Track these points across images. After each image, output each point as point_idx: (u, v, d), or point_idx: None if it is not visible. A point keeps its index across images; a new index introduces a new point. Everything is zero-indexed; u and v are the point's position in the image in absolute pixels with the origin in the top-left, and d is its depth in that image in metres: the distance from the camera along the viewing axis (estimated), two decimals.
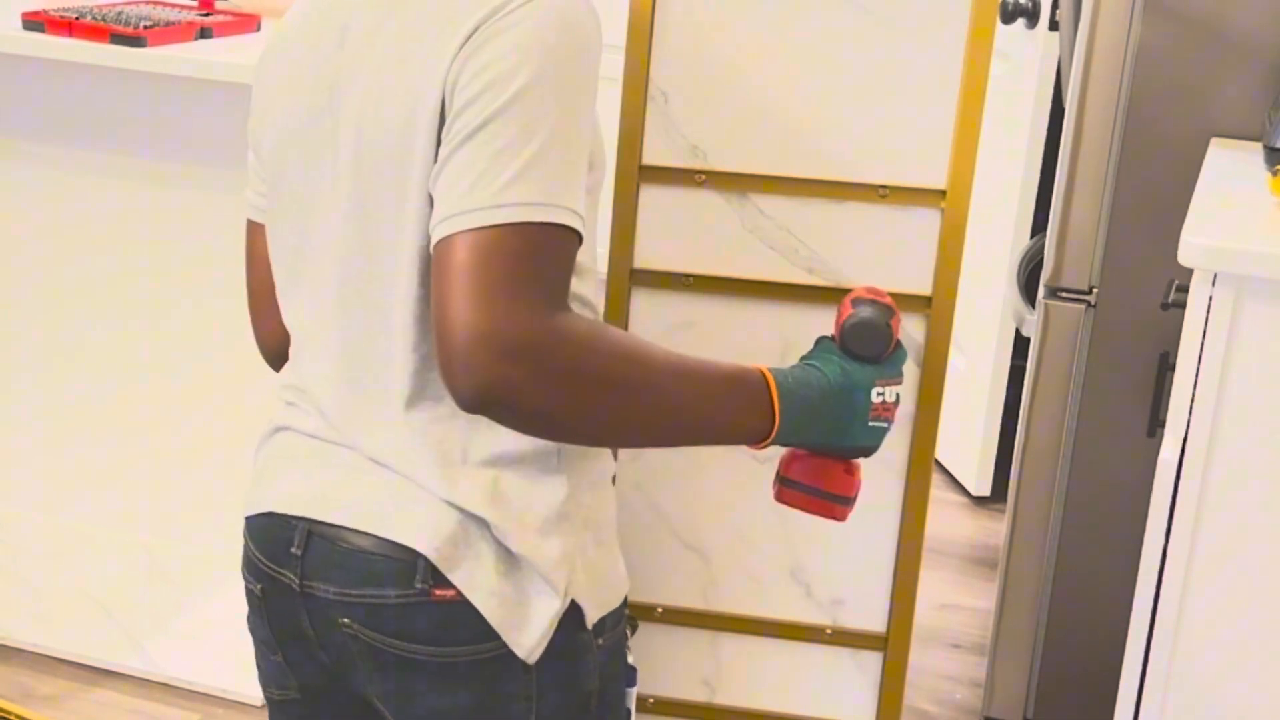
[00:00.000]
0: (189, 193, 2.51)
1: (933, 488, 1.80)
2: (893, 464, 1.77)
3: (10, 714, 2.44)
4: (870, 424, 1.31)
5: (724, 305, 1.77)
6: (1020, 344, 3.18)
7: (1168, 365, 1.90)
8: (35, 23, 2.38)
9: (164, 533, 2.70)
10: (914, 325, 1.73)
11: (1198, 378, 1.69)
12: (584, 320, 1.14)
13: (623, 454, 1.79)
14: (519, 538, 1.23)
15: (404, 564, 1.23)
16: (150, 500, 2.69)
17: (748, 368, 1.25)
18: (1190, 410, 1.70)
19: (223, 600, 2.60)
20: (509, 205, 1.10)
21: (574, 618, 1.27)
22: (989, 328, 3.33)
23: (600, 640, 1.30)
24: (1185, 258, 1.67)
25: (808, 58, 1.69)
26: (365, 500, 1.26)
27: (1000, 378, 3.36)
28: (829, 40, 1.68)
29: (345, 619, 1.26)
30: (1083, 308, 2.33)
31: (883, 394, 1.31)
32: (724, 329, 1.77)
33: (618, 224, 1.77)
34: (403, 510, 1.24)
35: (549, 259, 1.12)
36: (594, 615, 1.29)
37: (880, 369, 1.32)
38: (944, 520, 3.34)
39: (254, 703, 2.51)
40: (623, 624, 1.36)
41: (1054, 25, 3.02)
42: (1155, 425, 1.90)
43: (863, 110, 1.70)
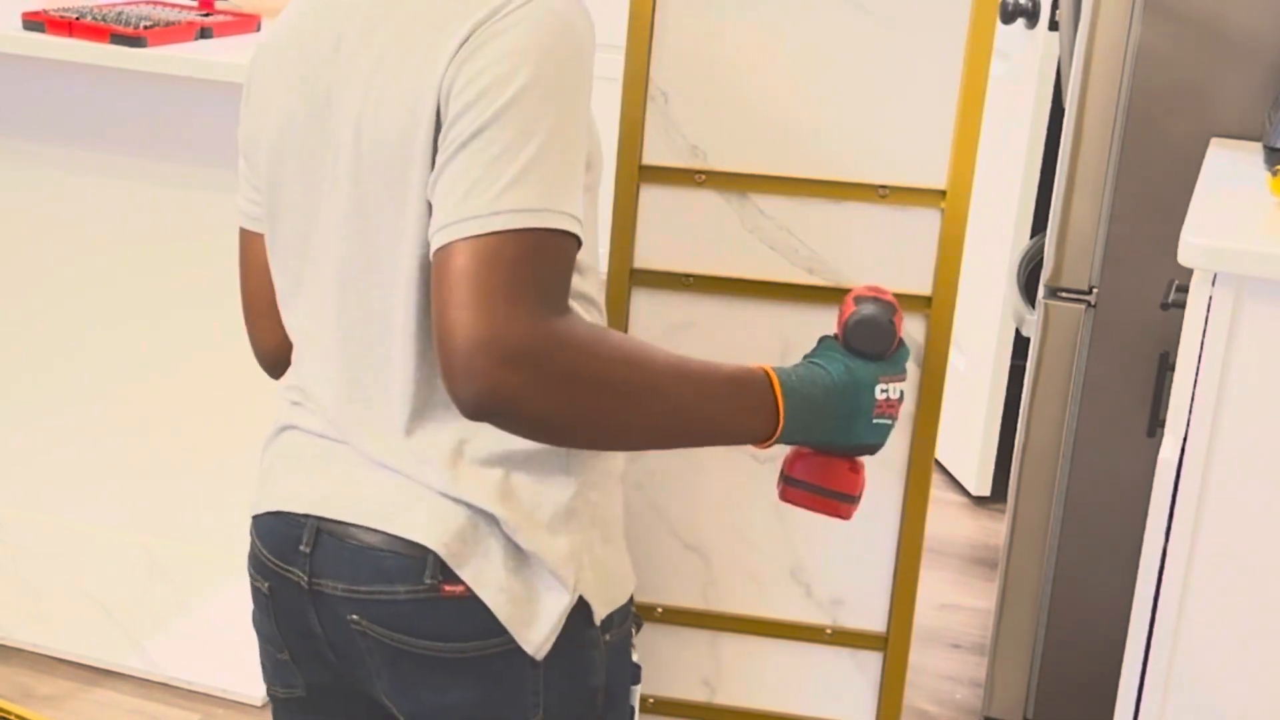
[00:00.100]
0: (189, 193, 2.51)
1: (933, 488, 1.80)
2: (893, 464, 1.77)
3: (10, 714, 2.44)
4: (875, 421, 1.31)
5: (724, 305, 1.77)
6: (1020, 344, 3.17)
7: (1168, 365, 1.90)
8: (35, 23, 2.38)
9: (164, 533, 2.70)
10: (914, 325, 1.73)
11: (1198, 378, 1.69)
12: (584, 324, 1.14)
13: (622, 454, 1.78)
14: (528, 534, 1.23)
15: (413, 560, 1.23)
16: (150, 500, 2.69)
17: (751, 368, 1.24)
18: (1190, 410, 1.70)
19: (223, 600, 2.60)
20: (506, 211, 1.10)
21: (582, 614, 1.27)
22: (989, 328, 3.33)
23: (607, 636, 1.31)
24: (1185, 258, 1.67)
25: (808, 58, 1.69)
26: (373, 497, 1.26)
27: (1000, 378, 3.35)
28: (829, 40, 1.68)
29: (354, 615, 1.26)
30: (1083, 308, 2.33)
31: (886, 391, 1.32)
32: (724, 329, 1.77)
33: (618, 224, 1.77)
34: (411, 507, 1.24)
35: (547, 264, 1.12)
36: (602, 611, 1.29)
37: (884, 366, 1.33)
38: (944, 520, 3.34)
39: (254, 703, 2.51)
40: (629, 621, 1.36)
41: (1054, 25, 3.02)
42: (1155, 425, 1.90)
43: (863, 110, 1.70)
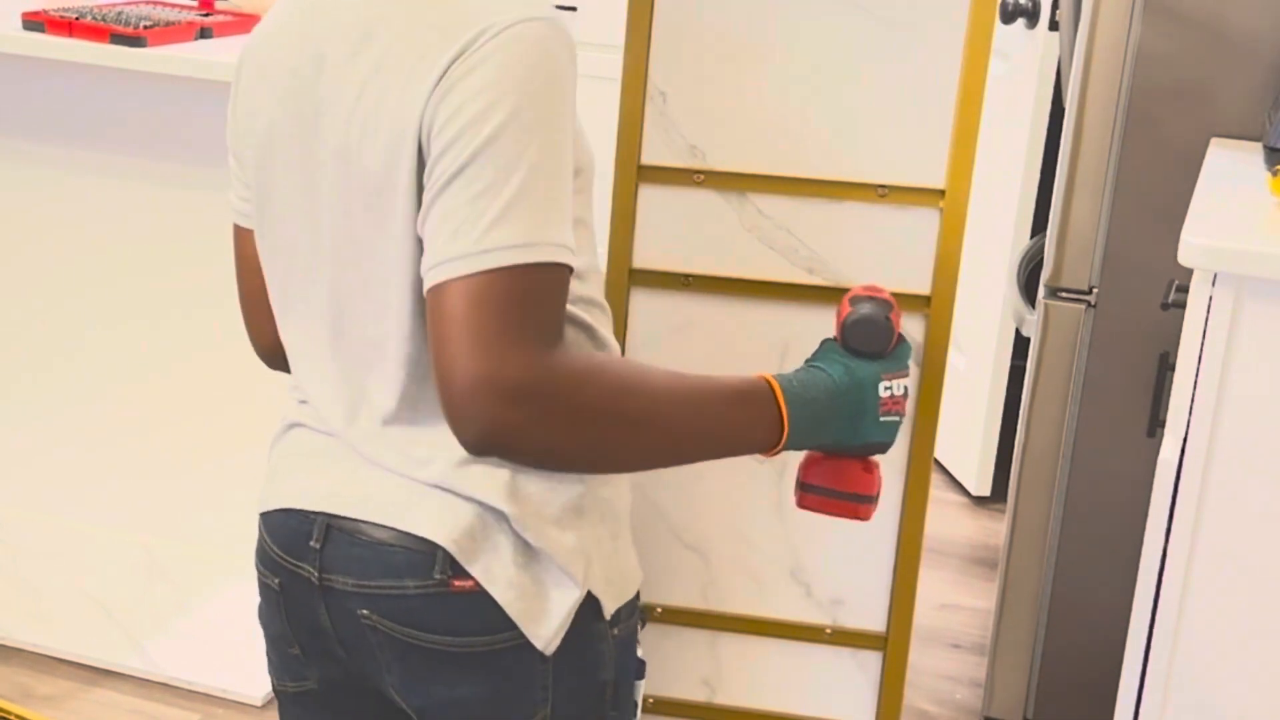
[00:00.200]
0: (188, 193, 2.51)
1: (933, 488, 1.80)
2: (893, 464, 1.76)
3: (10, 714, 2.44)
4: (881, 419, 1.32)
5: (723, 305, 1.77)
6: (1020, 344, 3.17)
7: (1168, 365, 1.90)
8: (35, 23, 2.38)
9: (164, 533, 2.70)
10: (913, 325, 1.73)
11: (1198, 378, 1.69)
12: (581, 356, 1.15)
13: None
14: (537, 530, 1.24)
15: (422, 555, 1.23)
16: (150, 500, 2.69)
17: (752, 378, 1.25)
18: (1190, 410, 1.70)
19: (223, 600, 2.60)
20: (493, 250, 1.10)
21: (591, 609, 1.28)
22: (989, 328, 3.33)
23: (615, 631, 1.31)
24: (1185, 258, 1.66)
25: (807, 57, 1.69)
26: (383, 493, 1.26)
27: (1000, 378, 3.35)
28: (828, 40, 1.68)
29: (364, 610, 1.26)
30: (1083, 308, 2.33)
31: (890, 388, 1.32)
32: (724, 329, 1.77)
33: (617, 224, 1.77)
34: (420, 503, 1.24)
35: (539, 298, 1.12)
36: (611, 606, 1.30)
37: (885, 364, 1.33)
38: (944, 520, 3.33)
39: (254, 703, 2.51)
40: (636, 616, 1.36)
41: (1054, 25, 3.02)
42: (1155, 425, 1.90)
43: (862, 110, 1.70)
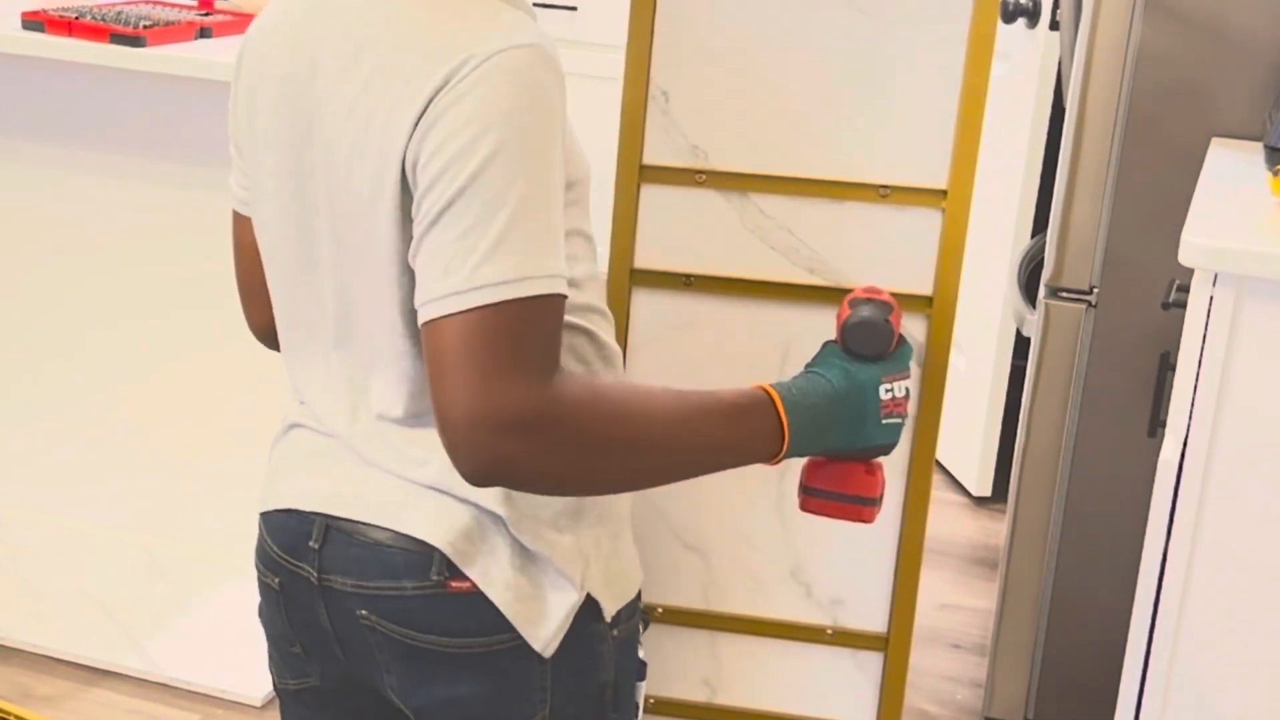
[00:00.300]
0: (188, 192, 2.51)
1: (933, 488, 1.80)
2: (894, 464, 1.76)
3: (10, 714, 2.44)
4: (883, 422, 1.32)
5: (724, 305, 1.77)
6: (1021, 344, 3.17)
7: (1168, 365, 1.90)
8: (35, 22, 2.38)
9: (164, 533, 2.70)
10: (915, 325, 1.72)
11: (1198, 378, 1.69)
12: (579, 383, 1.14)
13: None
14: (533, 533, 1.24)
15: (420, 556, 1.23)
16: (150, 500, 2.69)
17: (751, 390, 1.25)
18: (1191, 410, 1.70)
19: (223, 600, 2.60)
20: (484, 286, 1.10)
21: (590, 610, 1.28)
22: (989, 328, 3.33)
23: (615, 632, 1.31)
24: (1185, 258, 1.66)
25: (808, 57, 1.69)
26: (381, 494, 1.26)
27: (1001, 378, 3.35)
28: (830, 40, 1.68)
29: (363, 611, 1.26)
30: (1083, 308, 2.33)
31: (891, 390, 1.32)
32: (724, 329, 1.77)
33: (618, 224, 1.77)
34: (418, 505, 1.24)
35: (532, 330, 1.11)
36: (610, 608, 1.30)
37: (885, 366, 1.33)
38: (944, 520, 3.33)
39: (254, 703, 2.51)
40: (637, 617, 1.36)
41: (1054, 25, 3.02)
42: (1156, 425, 1.90)
43: (863, 110, 1.70)
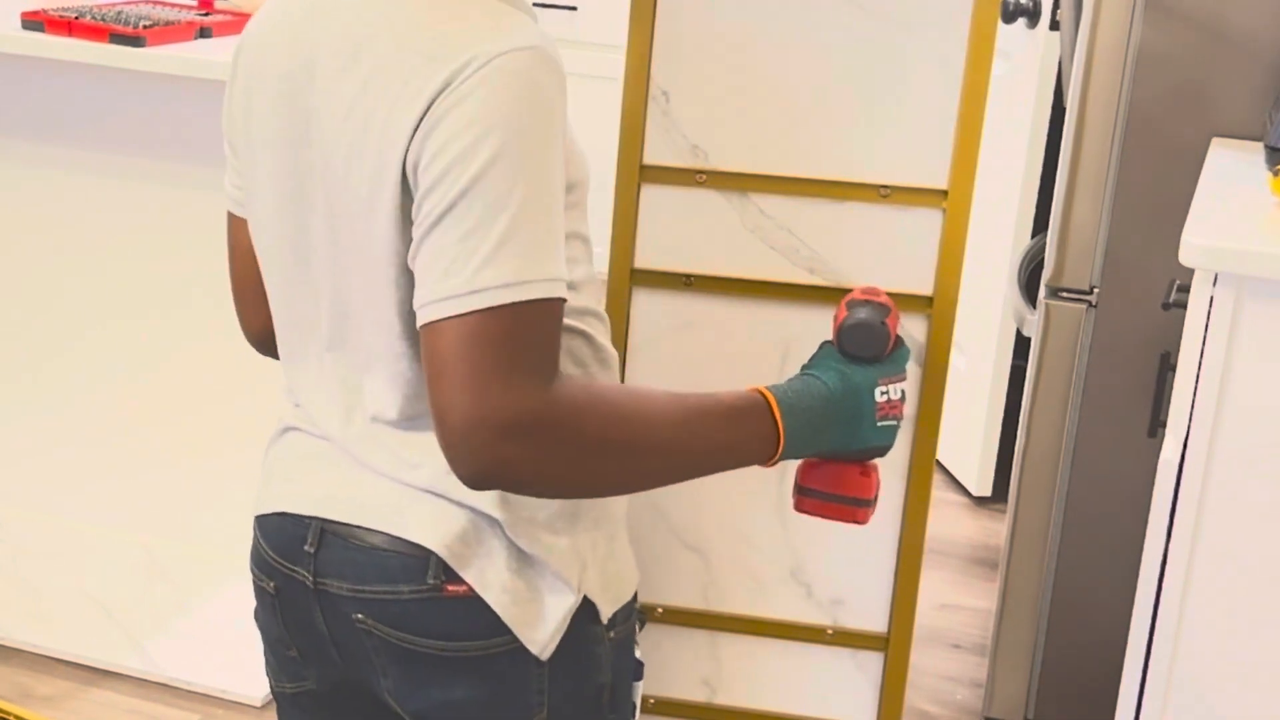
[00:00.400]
0: (188, 192, 2.51)
1: (933, 488, 1.80)
2: (894, 464, 1.76)
3: (10, 714, 2.44)
4: (879, 424, 1.32)
5: (724, 305, 1.77)
6: (1021, 344, 3.17)
7: (1168, 365, 1.90)
8: (34, 22, 2.38)
9: (164, 533, 2.70)
10: (915, 325, 1.72)
11: (1198, 378, 1.69)
12: (578, 386, 1.14)
13: None
14: (529, 536, 1.24)
15: (416, 560, 1.23)
16: (150, 500, 2.69)
17: (747, 393, 1.25)
18: (1191, 411, 1.70)
19: (223, 600, 2.60)
20: (485, 290, 1.09)
21: (587, 612, 1.28)
22: (989, 328, 3.33)
23: (611, 634, 1.31)
24: (1186, 258, 1.66)
25: (809, 57, 1.69)
26: (376, 498, 1.26)
27: (1001, 378, 3.35)
28: (830, 40, 1.68)
29: (359, 614, 1.26)
30: (1083, 308, 2.33)
31: (887, 392, 1.32)
32: (724, 329, 1.77)
33: (618, 224, 1.77)
34: (413, 508, 1.24)
35: (532, 334, 1.11)
36: (607, 610, 1.30)
37: (882, 368, 1.33)
38: (944, 520, 3.33)
39: (254, 703, 2.51)
40: (633, 618, 1.36)
41: (1055, 25, 3.02)
42: (1156, 426, 1.90)
43: (864, 110, 1.70)
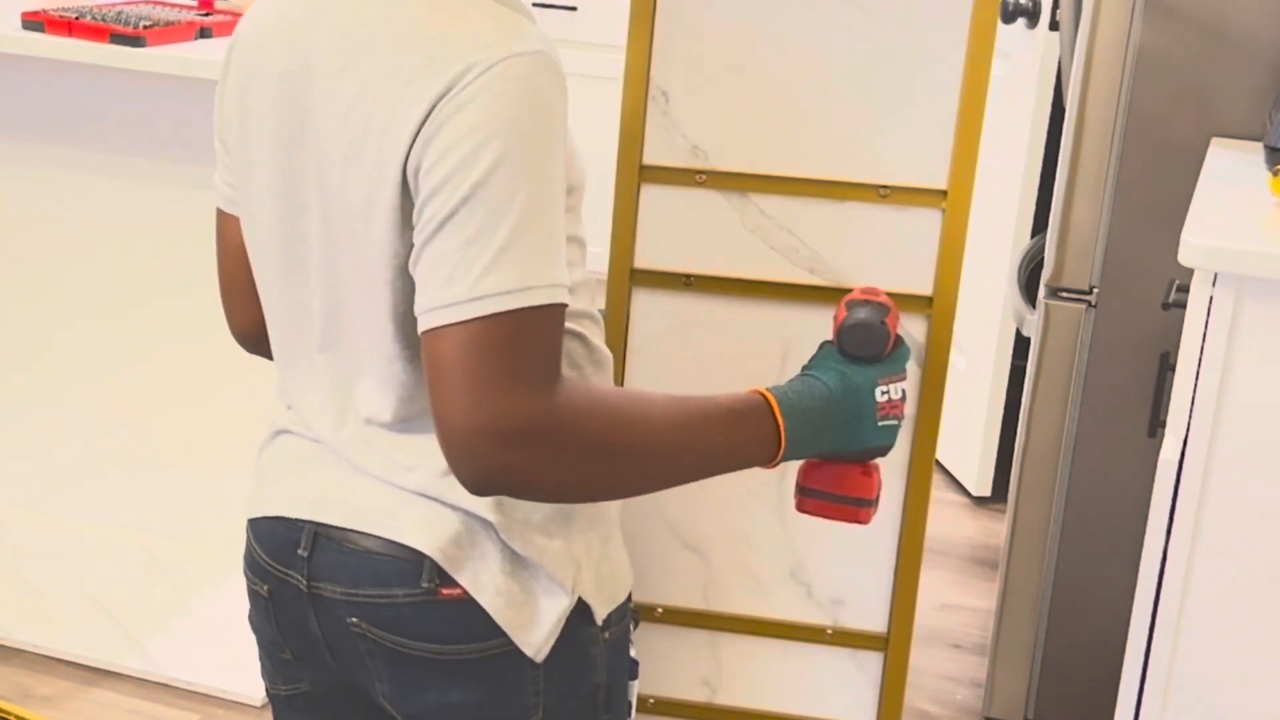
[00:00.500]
0: (188, 192, 2.51)
1: (933, 488, 1.80)
2: (894, 464, 1.76)
3: (10, 714, 2.44)
4: (880, 424, 1.32)
5: (724, 305, 1.77)
6: (1020, 344, 3.17)
7: (1168, 365, 1.90)
8: (35, 23, 2.38)
9: (164, 533, 2.70)
10: (915, 325, 1.72)
11: (1198, 378, 1.69)
12: (579, 392, 1.14)
13: None
14: (523, 539, 1.23)
15: (410, 564, 1.23)
16: (150, 500, 2.69)
17: (747, 395, 1.25)
18: (1191, 410, 1.70)
19: (223, 600, 2.60)
20: (488, 296, 1.09)
21: (581, 614, 1.27)
22: (989, 328, 3.33)
23: (606, 635, 1.31)
24: (1185, 258, 1.66)
25: (809, 57, 1.69)
26: (370, 502, 1.26)
27: (1001, 378, 3.35)
28: (830, 39, 1.68)
29: (353, 618, 1.26)
30: (1083, 308, 2.33)
31: (887, 392, 1.32)
32: (725, 329, 1.77)
33: (618, 224, 1.77)
34: (407, 512, 1.24)
35: (535, 340, 1.11)
36: (601, 612, 1.29)
37: (882, 368, 1.33)
38: (944, 520, 3.33)
39: (254, 703, 2.51)
40: (628, 618, 1.36)
41: (1054, 25, 3.02)
42: (1156, 425, 1.91)
43: (864, 110, 1.70)
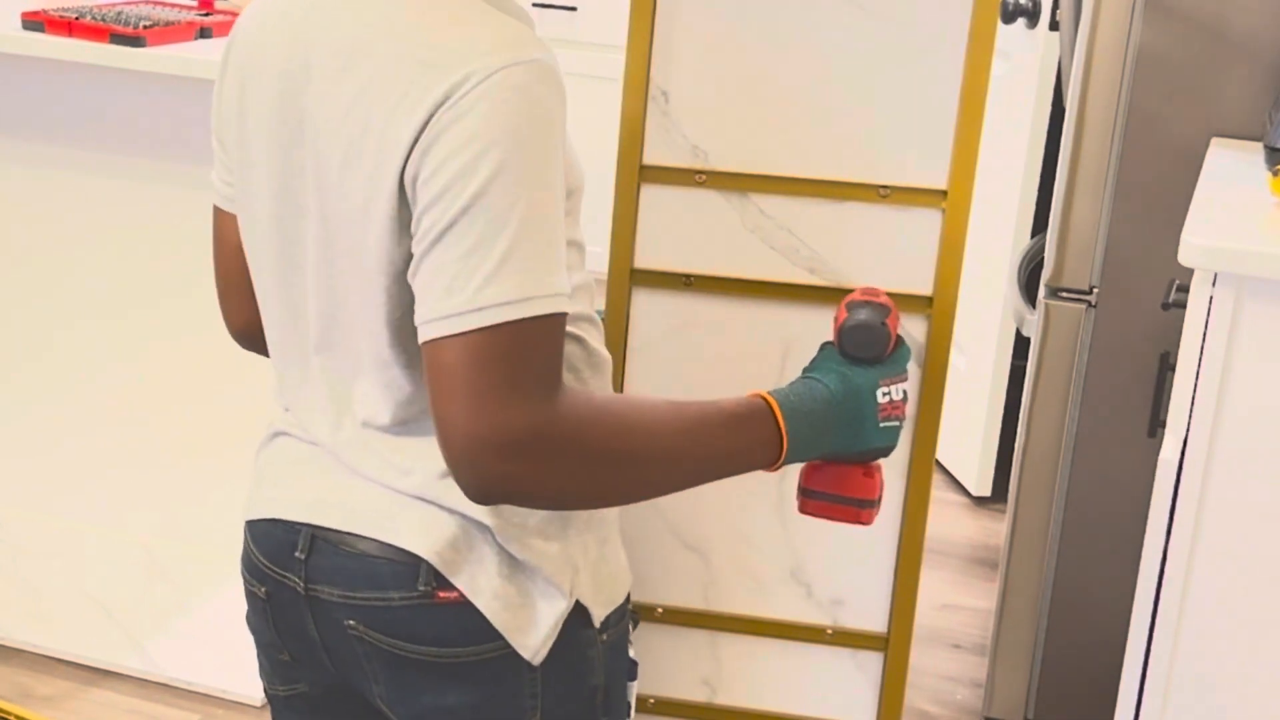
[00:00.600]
0: (189, 192, 2.51)
1: (933, 488, 1.80)
2: (894, 464, 1.76)
3: (10, 714, 2.44)
4: (881, 425, 1.32)
5: (724, 305, 1.77)
6: (1020, 344, 3.17)
7: (1168, 365, 1.90)
8: (35, 23, 2.38)
9: (164, 533, 2.70)
10: (915, 325, 1.72)
11: (1198, 378, 1.69)
12: (580, 400, 1.14)
13: None
14: (520, 542, 1.23)
15: (406, 567, 1.23)
16: (150, 500, 2.69)
17: (749, 399, 1.24)
18: (1190, 410, 1.70)
19: (223, 600, 2.60)
20: (488, 307, 1.09)
21: (579, 616, 1.27)
22: (989, 328, 3.33)
23: (604, 636, 1.30)
24: (1185, 258, 1.66)
25: (809, 57, 1.69)
26: (366, 504, 1.26)
27: (1000, 378, 3.35)
28: (830, 40, 1.68)
29: (350, 621, 1.26)
30: (1083, 308, 2.33)
31: (889, 393, 1.32)
32: (725, 329, 1.77)
33: (618, 224, 1.77)
34: (404, 514, 1.24)
35: (535, 350, 1.10)
36: (599, 614, 1.29)
37: (883, 369, 1.33)
38: (944, 520, 3.33)
39: (254, 703, 2.51)
40: (626, 619, 1.36)
41: (1054, 25, 3.02)
42: (1156, 425, 1.91)
43: (864, 110, 1.70)
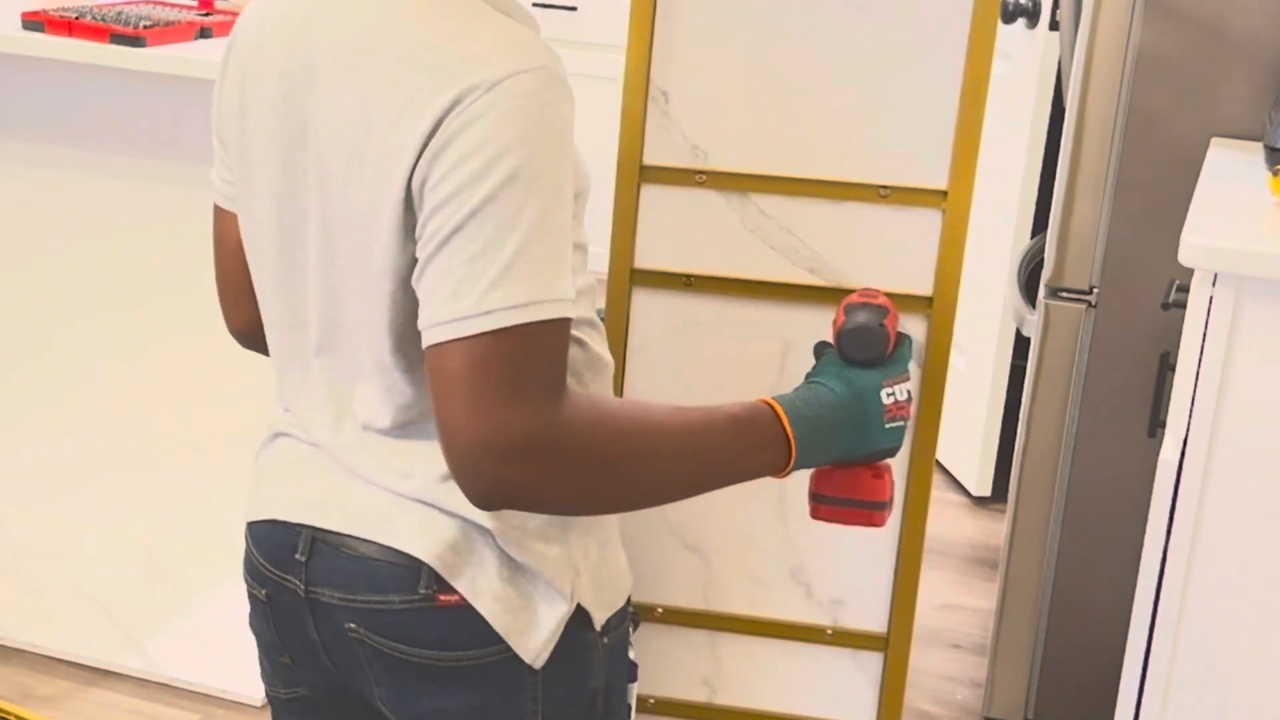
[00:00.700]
0: (189, 192, 2.51)
1: (933, 488, 1.80)
2: (894, 464, 1.75)
3: (10, 714, 2.44)
4: (886, 426, 1.31)
5: (724, 305, 1.77)
6: (1020, 344, 3.17)
7: (1168, 365, 1.90)
8: (35, 22, 2.38)
9: (164, 533, 2.70)
10: (915, 326, 1.72)
11: (1198, 378, 1.69)
12: (584, 405, 1.13)
13: None
14: (520, 545, 1.23)
15: (407, 570, 1.22)
16: (150, 500, 2.69)
17: (755, 404, 1.24)
18: (1190, 410, 1.70)
19: (223, 600, 2.60)
20: (494, 311, 1.08)
21: (580, 619, 1.27)
22: (989, 328, 3.33)
23: (605, 639, 1.30)
24: (1185, 258, 1.67)
25: (809, 57, 1.69)
26: (366, 506, 1.25)
27: (1000, 378, 3.35)
28: (830, 40, 1.68)
29: (351, 624, 1.26)
30: (1083, 308, 2.33)
31: (893, 394, 1.32)
32: (725, 329, 1.77)
33: (618, 224, 1.77)
34: (404, 517, 1.23)
35: (540, 355, 1.10)
36: (600, 617, 1.29)
37: (885, 370, 1.32)
38: (944, 520, 3.33)
39: (254, 703, 2.51)
40: (626, 622, 1.36)
41: (1054, 25, 3.02)
42: (1156, 425, 1.91)
43: (864, 110, 1.70)
